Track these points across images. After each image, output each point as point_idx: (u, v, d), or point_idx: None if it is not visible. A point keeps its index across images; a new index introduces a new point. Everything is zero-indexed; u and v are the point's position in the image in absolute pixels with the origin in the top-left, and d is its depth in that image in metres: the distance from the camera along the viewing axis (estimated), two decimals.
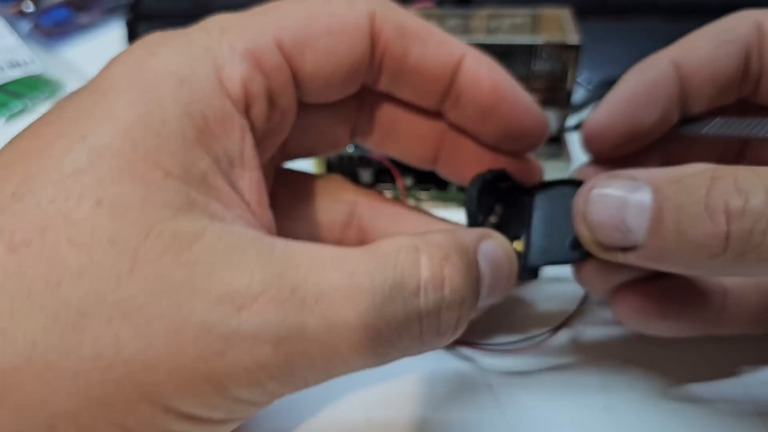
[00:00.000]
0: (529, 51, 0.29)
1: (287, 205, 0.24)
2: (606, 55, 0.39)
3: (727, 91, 0.22)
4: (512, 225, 0.22)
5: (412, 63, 0.21)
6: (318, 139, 0.23)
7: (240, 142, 0.18)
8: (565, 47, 0.28)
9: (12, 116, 0.39)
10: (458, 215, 0.32)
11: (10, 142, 0.17)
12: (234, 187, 0.18)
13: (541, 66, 0.29)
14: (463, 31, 0.29)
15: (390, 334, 0.17)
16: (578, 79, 0.38)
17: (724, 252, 0.17)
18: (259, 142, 0.19)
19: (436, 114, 0.23)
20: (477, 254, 0.19)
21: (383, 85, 0.22)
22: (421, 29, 0.21)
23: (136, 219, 0.15)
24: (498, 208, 0.22)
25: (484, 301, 0.19)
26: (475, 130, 0.22)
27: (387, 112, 0.23)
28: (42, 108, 0.40)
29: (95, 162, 0.16)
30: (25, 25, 0.46)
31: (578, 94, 0.38)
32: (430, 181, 0.32)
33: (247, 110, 0.19)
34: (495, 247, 0.20)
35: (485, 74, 0.21)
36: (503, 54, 0.29)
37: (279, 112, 0.20)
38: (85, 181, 0.15)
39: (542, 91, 0.30)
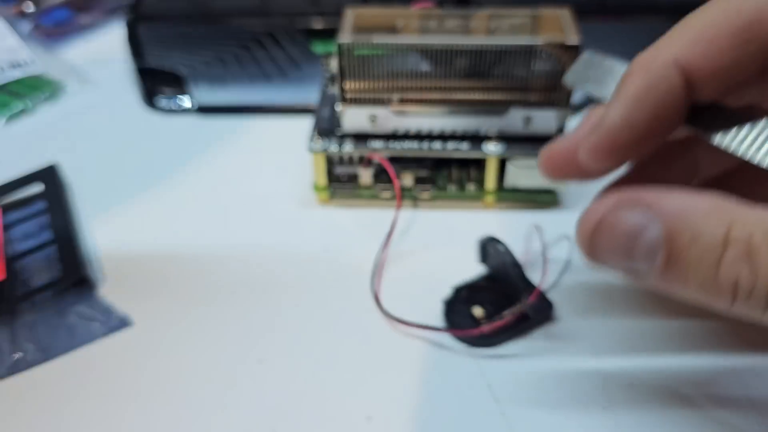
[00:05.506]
0: (529, 51, 0.29)
1: None
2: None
3: (738, 94, 0.20)
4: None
5: None
6: None
7: None
8: (565, 47, 0.28)
9: (12, 116, 0.39)
10: (456, 215, 0.32)
11: None
12: None
13: (541, 66, 0.29)
14: (463, 31, 0.29)
15: None
16: None
17: (727, 308, 0.17)
18: None
19: None
20: None
21: None
22: None
23: None
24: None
25: None
26: None
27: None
28: (42, 108, 0.40)
29: None
30: (26, 26, 0.46)
31: (578, 95, 0.38)
32: (429, 182, 0.32)
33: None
34: None
35: None
36: (503, 54, 0.29)
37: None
38: None
39: (542, 92, 0.30)
